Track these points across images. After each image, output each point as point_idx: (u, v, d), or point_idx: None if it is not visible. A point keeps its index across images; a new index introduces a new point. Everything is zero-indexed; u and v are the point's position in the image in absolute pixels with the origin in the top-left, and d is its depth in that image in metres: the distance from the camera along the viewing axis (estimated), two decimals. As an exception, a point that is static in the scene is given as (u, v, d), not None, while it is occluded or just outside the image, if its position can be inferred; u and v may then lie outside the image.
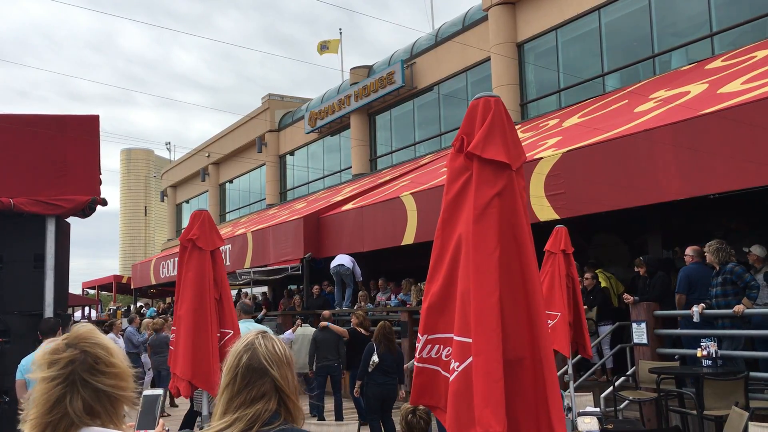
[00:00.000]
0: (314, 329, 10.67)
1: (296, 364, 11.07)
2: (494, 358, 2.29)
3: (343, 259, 14.15)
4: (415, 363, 2.69)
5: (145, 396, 2.32)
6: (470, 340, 2.37)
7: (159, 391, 2.34)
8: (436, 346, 2.58)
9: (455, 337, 2.43)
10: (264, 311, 17.31)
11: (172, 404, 12.63)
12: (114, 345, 1.89)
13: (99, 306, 34.89)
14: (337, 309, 14.02)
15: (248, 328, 8.85)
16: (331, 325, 10.19)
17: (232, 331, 4.99)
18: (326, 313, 10.71)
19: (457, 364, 2.37)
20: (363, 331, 10.37)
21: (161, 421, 2.36)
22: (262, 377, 1.85)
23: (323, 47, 24.78)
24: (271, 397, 1.85)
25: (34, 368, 1.81)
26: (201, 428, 6.59)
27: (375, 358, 8.31)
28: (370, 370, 8.34)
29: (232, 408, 1.84)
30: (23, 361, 5.23)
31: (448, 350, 2.51)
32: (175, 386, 4.72)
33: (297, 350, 10.89)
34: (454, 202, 2.56)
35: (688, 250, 8.42)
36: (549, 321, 5.94)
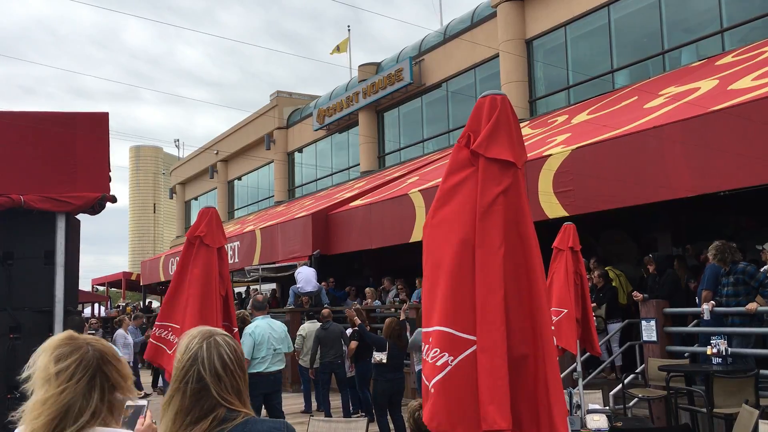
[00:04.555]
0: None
1: (303, 358, 11.01)
2: (499, 355, 2.29)
3: (309, 281, 13.98)
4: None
5: (128, 407, 2.37)
6: (464, 335, 2.34)
7: (143, 402, 2.41)
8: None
9: (445, 329, 2.38)
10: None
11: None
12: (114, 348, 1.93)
13: (108, 303, 35.09)
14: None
15: (270, 325, 8.86)
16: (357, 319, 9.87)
17: (237, 329, 5.05)
18: (325, 311, 10.70)
19: (452, 358, 2.34)
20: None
21: (149, 413, 2.41)
22: (207, 393, 1.85)
23: (336, 50, 24.73)
24: (217, 407, 1.85)
25: (35, 367, 1.77)
26: None
27: (382, 358, 8.32)
28: (374, 362, 8.42)
29: (180, 424, 1.83)
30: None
31: (434, 349, 2.40)
32: None
33: (307, 344, 10.90)
34: (448, 193, 2.55)
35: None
36: (553, 317, 5.90)
